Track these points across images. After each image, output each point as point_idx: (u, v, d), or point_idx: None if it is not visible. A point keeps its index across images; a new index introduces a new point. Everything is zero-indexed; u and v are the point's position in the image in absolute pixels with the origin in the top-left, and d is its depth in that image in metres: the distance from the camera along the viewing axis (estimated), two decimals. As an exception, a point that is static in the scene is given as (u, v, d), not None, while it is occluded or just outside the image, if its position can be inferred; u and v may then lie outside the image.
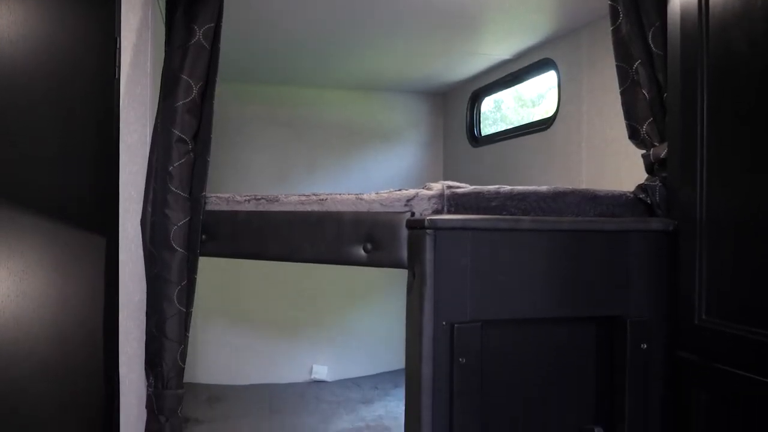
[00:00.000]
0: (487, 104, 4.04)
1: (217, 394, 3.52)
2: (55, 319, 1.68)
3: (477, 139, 3.84)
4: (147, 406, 1.86)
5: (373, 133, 4.11)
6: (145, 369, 1.87)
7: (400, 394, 3.55)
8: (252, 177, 3.83)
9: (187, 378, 1.91)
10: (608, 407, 1.61)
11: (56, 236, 1.70)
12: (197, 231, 1.82)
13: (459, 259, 1.43)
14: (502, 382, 1.56)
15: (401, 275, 1.63)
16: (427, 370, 1.40)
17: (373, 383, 3.79)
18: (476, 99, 3.87)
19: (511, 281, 1.48)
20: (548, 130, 2.98)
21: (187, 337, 1.85)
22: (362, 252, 1.58)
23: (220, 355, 3.76)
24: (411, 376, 1.45)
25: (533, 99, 4.27)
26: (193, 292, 1.85)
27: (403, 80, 3.85)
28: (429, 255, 1.41)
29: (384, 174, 4.07)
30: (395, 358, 4.03)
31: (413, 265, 1.48)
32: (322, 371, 3.84)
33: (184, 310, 1.83)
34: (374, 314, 4.02)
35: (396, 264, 1.53)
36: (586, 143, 2.69)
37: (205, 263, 2.10)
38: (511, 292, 1.48)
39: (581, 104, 2.72)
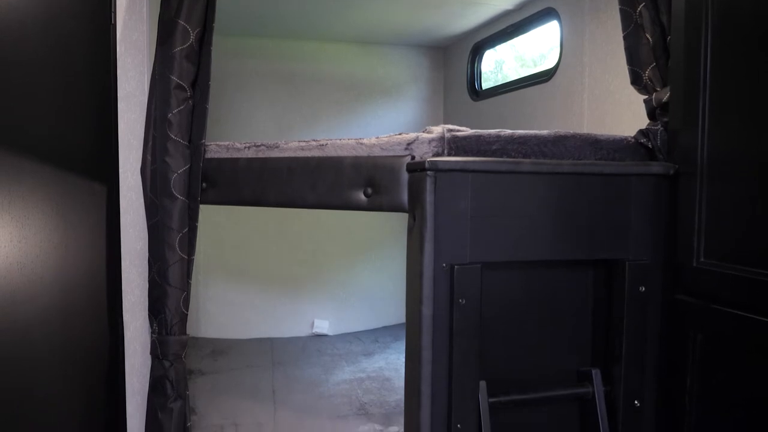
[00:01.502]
0: (488, 65, 3.99)
1: (220, 348, 3.56)
2: (57, 266, 1.69)
3: (478, 93, 3.81)
4: (151, 352, 1.89)
5: (374, 87, 4.08)
6: (149, 316, 1.89)
7: (400, 347, 3.59)
8: (251, 134, 3.80)
9: (190, 332, 1.93)
10: (605, 349, 1.64)
11: (57, 183, 1.70)
12: (197, 179, 1.82)
13: (459, 201, 1.43)
14: (501, 323, 1.58)
15: (401, 231, 1.63)
16: (427, 310, 1.42)
17: (374, 337, 3.83)
18: (477, 52, 3.82)
19: (511, 224, 1.48)
20: (549, 81, 2.95)
21: (189, 284, 1.86)
22: (363, 196, 1.58)
23: (222, 310, 3.80)
24: (411, 316, 1.47)
25: (534, 59, 4.22)
26: (195, 239, 1.86)
27: (403, 33, 3.80)
28: (429, 197, 1.41)
29: (384, 129, 4.04)
30: (395, 313, 4.07)
31: (413, 208, 1.48)
32: (323, 325, 3.88)
33: (186, 257, 1.84)
34: (375, 270, 4.04)
35: (396, 208, 1.54)
36: (587, 94, 2.66)
37: (206, 221, 2.11)
38: (510, 235, 1.49)
39: (583, 55, 2.69)
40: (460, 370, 1.44)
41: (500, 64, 4.39)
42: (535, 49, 4.18)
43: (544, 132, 1.61)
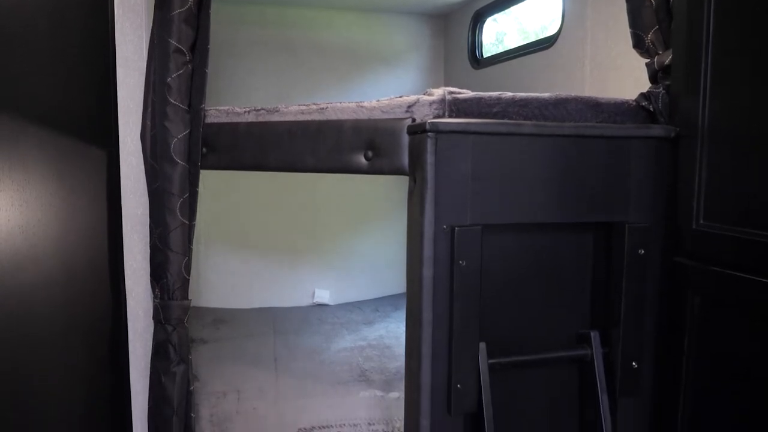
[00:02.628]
0: (489, 36, 3.96)
1: (221, 317, 3.58)
2: (59, 231, 1.70)
3: (479, 61, 3.78)
4: (154, 317, 1.90)
5: (374, 56, 4.04)
6: (151, 281, 1.90)
7: (401, 316, 3.62)
8: (250, 102, 3.79)
9: (191, 302, 1.94)
10: (604, 312, 1.65)
11: (56, 148, 1.70)
12: (197, 143, 1.82)
13: (460, 163, 1.43)
14: (501, 286, 1.59)
15: (402, 202, 1.63)
16: (427, 272, 1.42)
17: (374, 306, 3.86)
18: (478, 19, 3.79)
19: (511, 186, 1.49)
20: (551, 48, 2.93)
21: (191, 249, 1.87)
22: (363, 159, 1.58)
23: (223, 280, 3.81)
24: (412, 278, 1.48)
25: (536, 31, 4.18)
26: (195, 204, 1.86)
27: (403, 1, 3.76)
28: (430, 158, 1.41)
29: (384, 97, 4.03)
30: (396, 283, 4.09)
31: (414, 170, 1.48)
32: (324, 295, 3.90)
33: (187, 222, 1.84)
34: (375, 240, 4.05)
35: (397, 170, 1.54)
36: (589, 60, 2.64)
37: (207, 191, 2.11)
38: (511, 197, 1.49)
39: (585, 19, 2.66)
40: (460, 332, 1.46)
41: (501, 36, 4.35)
42: (536, 21, 4.14)
43: (546, 95, 1.60)
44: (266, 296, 3.84)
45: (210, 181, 2.53)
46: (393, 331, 3.37)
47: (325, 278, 3.94)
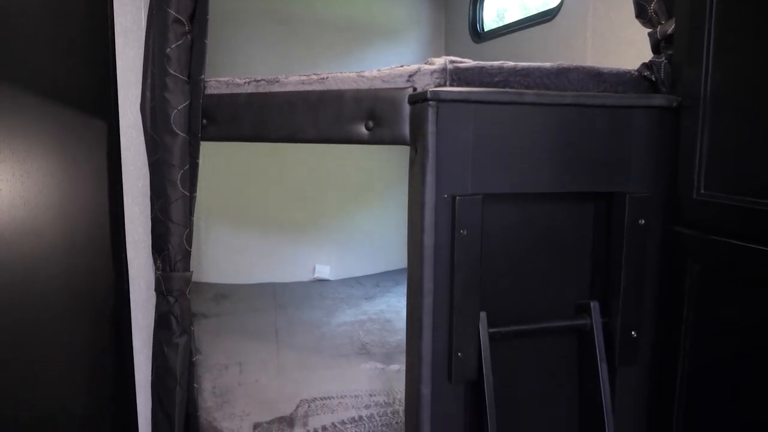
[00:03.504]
0: (490, 13, 3.92)
1: (222, 292, 3.60)
2: (60, 202, 1.70)
3: (479, 35, 3.75)
4: (156, 289, 1.91)
5: (374, 30, 4.01)
6: (152, 253, 1.91)
7: (401, 291, 3.63)
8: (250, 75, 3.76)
9: (192, 277, 1.95)
10: (604, 282, 1.66)
11: (56, 119, 1.70)
12: (197, 115, 1.81)
13: (461, 132, 1.43)
14: (502, 256, 1.59)
15: (402, 177, 1.62)
16: (428, 241, 1.43)
17: (375, 281, 3.87)
18: (479, -6, 3.76)
19: (512, 155, 1.48)
20: (552, 21, 2.91)
21: (192, 221, 1.87)
22: (364, 130, 1.57)
23: (224, 255, 3.82)
24: (413, 247, 1.48)
25: (538, 7, 4.14)
26: (196, 176, 1.86)
27: (403, -25, 3.74)
28: (431, 127, 1.40)
29: (385, 73, 4.00)
30: (396, 258, 4.10)
31: (415, 139, 1.48)
32: (324, 271, 3.91)
33: (188, 194, 1.84)
34: (376, 215, 4.05)
35: (398, 140, 1.53)
36: (591, 33, 2.63)
37: (207, 166, 2.11)
38: (512, 167, 1.49)
39: (587, -9, 2.64)
40: (460, 300, 1.47)
41: (502, 13, 4.31)
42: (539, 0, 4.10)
43: (547, 65, 1.59)
44: (267, 272, 3.85)
45: (210, 157, 2.53)
46: (393, 305, 3.38)
47: (326, 254, 3.95)
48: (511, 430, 1.61)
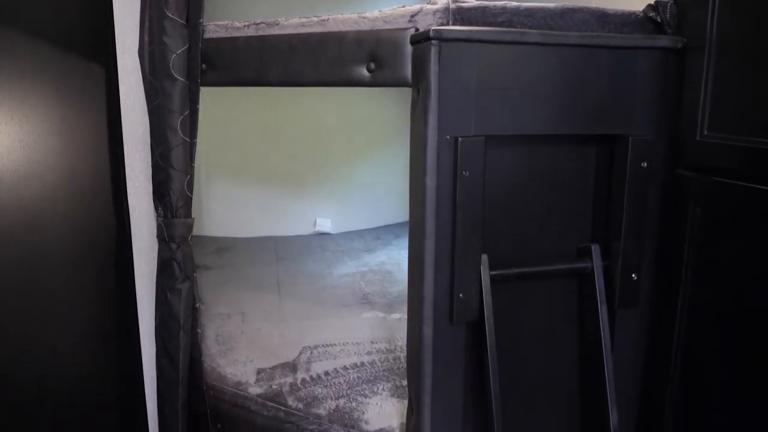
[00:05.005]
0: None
1: (224, 245, 3.61)
2: (60, 147, 1.69)
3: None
4: (158, 236, 1.91)
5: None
6: (154, 200, 1.90)
7: (402, 243, 3.65)
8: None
9: (194, 231, 1.95)
10: (605, 226, 1.66)
11: (54, 63, 1.68)
12: (197, 59, 1.79)
13: (464, 72, 1.41)
14: (504, 199, 1.59)
15: (403, 130, 1.60)
16: (430, 182, 1.43)
17: (376, 234, 3.88)
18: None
19: (515, 97, 1.47)
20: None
21: (193, 167, 1.87)
22: (365, 72, 1.56)
23: (225, 209, 3.82)
24: (415, 188, 1.48)
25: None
26: (196, 122, 1.84)
27: None
28: (434, 67, 1.39)
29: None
30: (397, 212, 4.10)
31: (417, 81, 1.46)
32: (325, 224, 3.92)
33: (188, 140, 1.83)
34: (376, 169, 4.04)
35: (399, 82, 1.52)
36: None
37: (206, 120, 2.09)
38: (515, 108, 1.48)
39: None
40: (462, 242, 1.47)
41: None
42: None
43: (551, 5, 1.57)
44: (268, 225, 3.86)
45: (210, 111, 2.50)
46: (394, 257, 3.40)
47: (327, 207, 3.96)
48: (511, 371, 1.63)
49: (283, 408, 1.91)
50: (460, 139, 1.42)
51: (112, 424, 1.94)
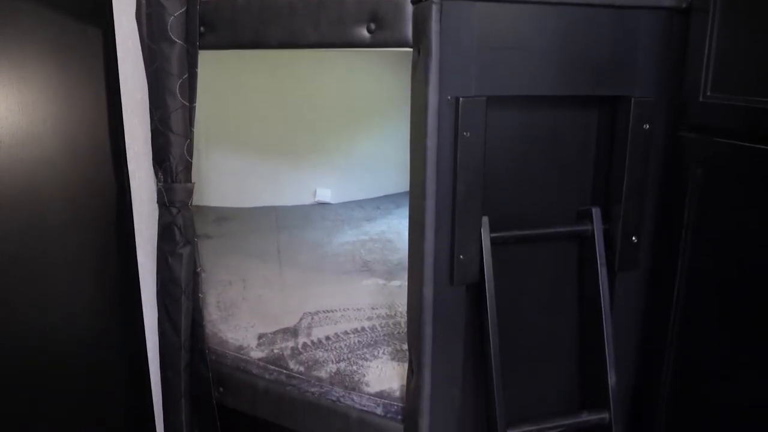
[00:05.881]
0: None
1: (224, 215, 3.61)
2: (59, 111, 1.69)
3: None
4: (158, 201, 1.91)
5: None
6: (153, 165, 1.90)
7: (402, 213, 3.65)
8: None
9: (194, 201, 1.95)
10: (606, 189, 1.66)
11: (51, 25, 1.66)
12: (195, 21, 1.77)
13: (465, 32, 1.40)
14: (504, 161, 1.59)
15: (404, 100, 1.58)
16: (431, 143, 1.42)
17: (376, 204, 3.88)
18: None
19: (517, 57, 1.46)
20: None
21: (192, 131, 1.86)
22: (366, 33, 1.54)
23: (225, 179, 3.81)
24: (415, 150, 1.47)
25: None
26: (195, 85, 1.83)
27: None
28: (435, 27, 1.37)
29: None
30: (397, 182, 4.09)
31: (418, 41, 1.44)
32: (325, 194, 3.91)
33: (188, 104, 1.82)
34: (377, 139, 4.02)
35: (400, 43, 1.50)
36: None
37: (205, 90, 2.07)
38: (516, 68, 1.47)
39: None
40: (463, 203, 1.47)
41: None
42: None
43: (554, -36, 1.54)
44: (268, 195, 3.85)
45: (209, 80, 2.47)
46: (394, 226, 3.40)
47: (326, 177, 3.94)
48: (511, 333, 1.65)
49: (284, 371, 1.93)
50: (461, 99, 1.41)
51: (116, 389, 1.96)
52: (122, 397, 1.99)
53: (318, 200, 3.91)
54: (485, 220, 1.52)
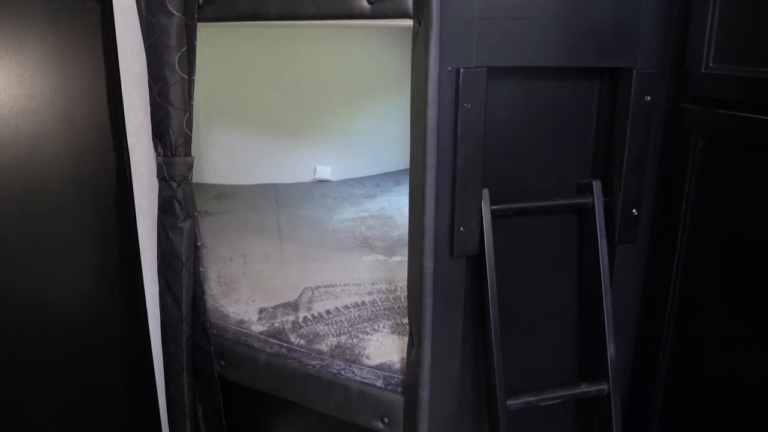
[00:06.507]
0: None
1: (224, 192, 3.61)
2: (57, 83, 1.68)
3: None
4: (158, 175, 1.91)
5: None
6: (153, 139, 1.89)
7: (402, 190, 3.65)
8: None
9: (194, 179, 1.95)
10: (606, 161, 1.65)
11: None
12: (193, -6, 1.75)
13: (465, 2, 1.39)
14: (505, 134, 1.59)
15: (404, 77, 1.57)
16: (432, 114, 1.41)
17: (376, 182, 3.87)
18: None
19: (518, 27, 1.45)
20: None
21: (192, 105, 1.85)
22: (365, 3, 1.52)
23: (225, 156, 3.80)
24: (416, 120, 1.47)
25: None
26: (194, 58, 1.82)
27: None
28: (435, -4, 1.36)
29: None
30: (397, 159, 4.09)
31: (419, 11, 1.43)
32: (325, 171, 3.91)
33: (187, 77, 1.81)
34: (377, 116, 4.00)
35: (401, 14, 1.49)
36: None
37: (204, 66, 2.05)
38: (518, 39, 1.46)
39: None
40: (463, 175, 1.47)
41: None
42: None
43: (556, -68, 1.53)
44: (268, 172, 3.85)
45: (209, 56, 2.46)
46: (395, 203, 3.40)
47: (326, 155, 3.94)
48: (511, 305, 1.65)
49: (285, 344, 1.94)
50: (461, 70, 1.41)
51: (118, 362, 1.98)
52: (124, 371, 2.00)
53: (318, 178, 3.90)
54: (485, 192, 1.52)
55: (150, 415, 2.10)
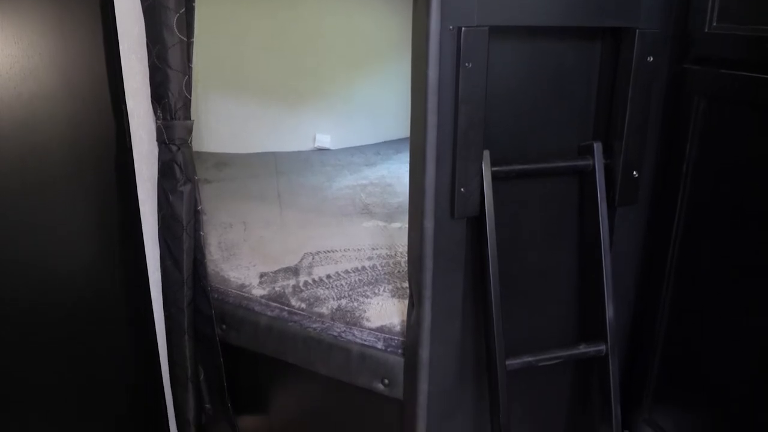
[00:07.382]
0: None
1: (224, 161, 3.60)
2: (54, 44, 1.66)
3: None
4: (157, 139, 1.90)
5: None
6: (152, 102, 1.88)
7: (402, 158, 3.64)
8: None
9: (193, 147, 1.94)
10: (607, 123, 1.65)
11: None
12: (191, -47, 1.73)
13: (467, -42, 1.37)
14: (506, 95, 1.58)
15: (404, 44, 1.54)
16: (433, 74, 1.40)
17: (376, 150, 3.86)
18: None
19: (520, -14, 1.43)
20: None
21: (191, 68, 1.84)
22: (366, -39, 1.50)
23: (224, 125, 3.78)
24: (416, 80, 1.46)
25: None
26: (193, 20, 1.80)
27: None
28: (436, -48, 1.34)
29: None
30: (397, 128, 4.07)
31: (420, -31, 1.42)
32: (325, 140, 3.89)
33: (185, 39, 1.79)
34: (377, 84, 3.98)
35: (401, -28, 1.47)
36: None
37: (203, 33, 2.02)
38: (520, -2, 1.44)
39: None
40: (464, 136, 1.46)
41: None
42: None
43: None
44: (267, 141, 3.84)
45: (206, 26, 2.43)
46: (394, 171, 3.40)
47: (326, 123, 3.92)
48: (511, 266, 1.66)
49: (286, 308, 1.96)
50: (463, 29, 1.39)
51: (119, 326, 1.99)
52: (126, 335, 2.02)
53: (317, 146, 3.89)
54: (486, 153, 1.52)
55: (152, 378, 2.12)
